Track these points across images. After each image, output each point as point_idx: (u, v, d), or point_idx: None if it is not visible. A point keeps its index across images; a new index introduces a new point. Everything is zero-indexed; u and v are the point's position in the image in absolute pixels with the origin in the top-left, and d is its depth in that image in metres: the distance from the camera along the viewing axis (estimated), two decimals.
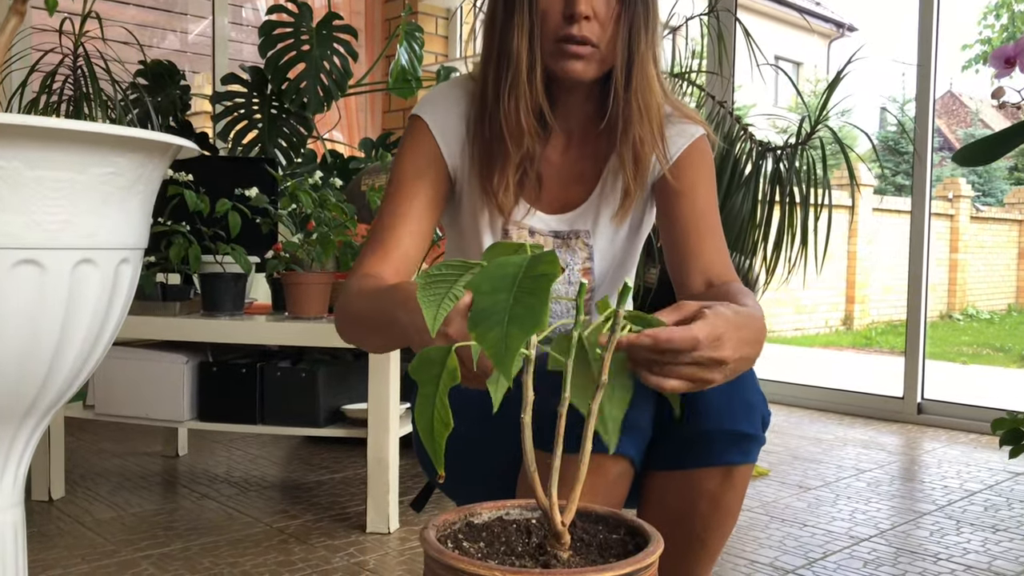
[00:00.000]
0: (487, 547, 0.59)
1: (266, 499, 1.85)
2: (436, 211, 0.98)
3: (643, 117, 0.92)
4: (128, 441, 2.37)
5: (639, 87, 0.91)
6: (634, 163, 0.94)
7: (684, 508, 0.86)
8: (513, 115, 0.91)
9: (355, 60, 2.80)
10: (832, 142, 1.75)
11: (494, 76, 0.93)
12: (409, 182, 0.96)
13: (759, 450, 0.86)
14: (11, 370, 0.71)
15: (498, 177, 0.94)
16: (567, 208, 1.01)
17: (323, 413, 1.73)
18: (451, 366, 0.55)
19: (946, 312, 7.83)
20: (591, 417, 0.57)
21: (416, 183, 0.96)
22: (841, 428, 2.66)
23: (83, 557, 1.49)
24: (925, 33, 2.70)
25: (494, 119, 0.93)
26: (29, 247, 0.69)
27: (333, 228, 1.73)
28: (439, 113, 0.98)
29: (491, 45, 0.94)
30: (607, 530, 0.63)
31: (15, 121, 0.65)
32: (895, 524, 1.72)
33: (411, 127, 0.99)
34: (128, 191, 0.76)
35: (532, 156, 0.95)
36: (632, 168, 0.95)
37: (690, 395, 0.83)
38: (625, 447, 0.80)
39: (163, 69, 2.78)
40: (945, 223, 7.68)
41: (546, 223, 1.00)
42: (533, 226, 1.00)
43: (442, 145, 0.97)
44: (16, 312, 0.69)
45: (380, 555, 1.52)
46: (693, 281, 0.94)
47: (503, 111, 0.92)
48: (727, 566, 1.48)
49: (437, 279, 0.62)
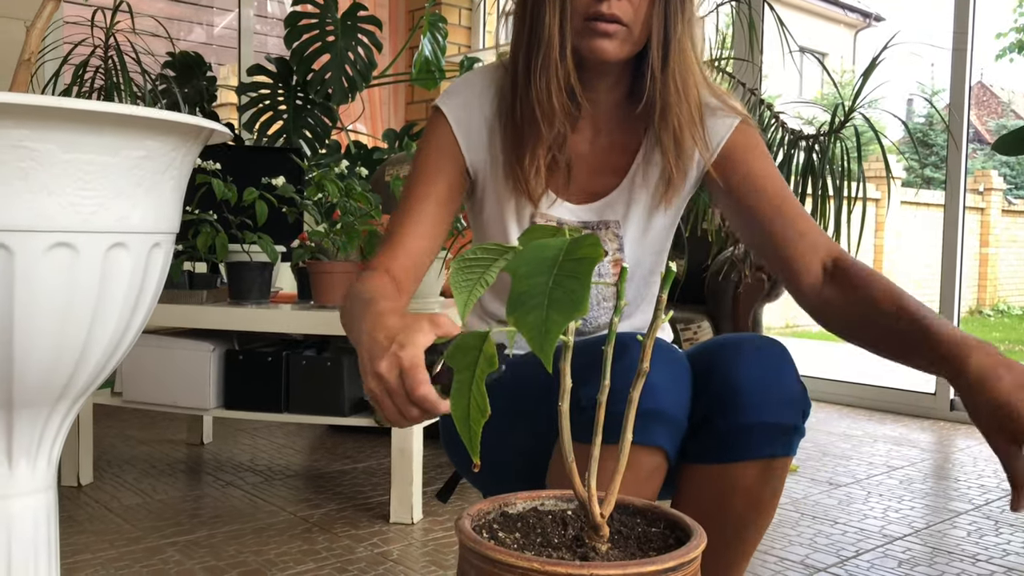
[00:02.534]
0: (523, 538, 0.57)
1: (290, 488, 1.85)
2: (451, 207, 0.97)
3: (681, 98, 0.90)
4: (153, 429, 2.39)
5: (677, 67, 0.89)
6: (675, 146, 0.92)
7: (721, 503, 0.84)
8: (545, 94, 0.89)
9: (379, 51, 2.79)
10: (866, 129, 1.71)
11: (525, 57, 0.91)
12: (424, 179, 0.96)
13: (799, 442, 0.83)
14: (45, 354, 0.71)
15: (529, 158, 0.93)
16: (595, 198, 0.99)
17: (348, 402, 1.73)
18: (488, 352, 0.53)
19: (976, 307, 7.69)
20: (631, 406, 0.56)
21: (431, 180, 0.95)
22: (871, 424, 2.62)
23: (111, 542, 1.50)
24: (961, 15, 2.62)
25: (525, 101, 0.91)
26: (63, 230, 0.69)
27: (358, 217, 1.72)
28: (460, 104, 0.96)
29: (522, 28, 0.92)
30: (646, 523, 0.61)
31: (51, 103, 0.64)
32: (930, 523, 1.68)
33: (431, 119, 0.98)
34: (160, 175, 0.75)
35: (563, 140, 0.93)
36: (673, 152, 0.92)
37: (728, 387, 0.81)
38: (659, 439, 0.78)
39: (190, 60, 2.80)
40: (976, 216, 7.53)
41: (574, 213, 0.98)
42: (560, 217, 0.98)
43: (460, 138, 0.96)
44: (50, 295, 0.69)
45: (403, 545, 1.51)
46: (809, 268, 0.90)
47: (535, 91, 0.90)
48: (756, 563, 1.45)
49: (472, 263, 0.60)
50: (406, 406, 0.67)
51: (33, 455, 0.77)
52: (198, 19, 4.48)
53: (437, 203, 0.95)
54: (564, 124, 0.92)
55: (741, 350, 0.82)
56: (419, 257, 0.93)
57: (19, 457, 0.76)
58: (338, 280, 1.72)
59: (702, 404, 0.82)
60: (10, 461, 0.76)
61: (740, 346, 0.82)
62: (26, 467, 0.77)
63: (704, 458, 0.84)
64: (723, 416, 0.81)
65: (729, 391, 0.81)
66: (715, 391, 0.81)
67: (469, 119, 0.96)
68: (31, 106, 0.64)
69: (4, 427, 0.74)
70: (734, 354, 0.82)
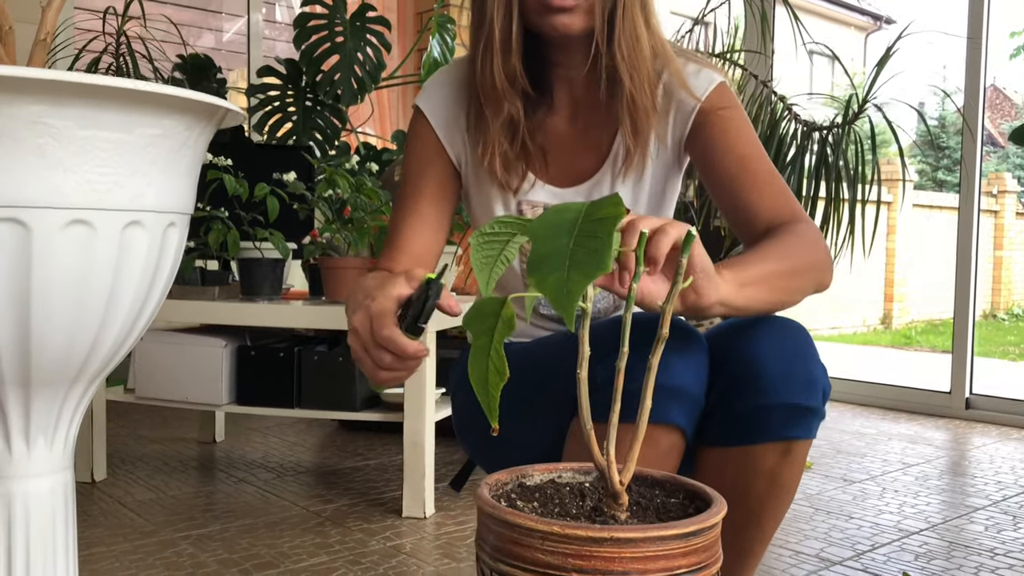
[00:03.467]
0: (541, 507, 0.57)
1: (302, 484, 1.85)
2: (446, 203, 0.97)
3: (629, 70, 0.87)
4: (166, 427, 2.40)
5: (622, 37, 0.87)
6: (630, 120, 0.90)
7: (740, 486, 0.83)
8: (488, 77, 0.89)
9: (388, 51, 2.80)
10: (881, 126, 1.70)
11: (473, 41, 0.91)
12: (413, 179, 0.96)
13: (819, 425, 0.82)
14: (61, 331, 0.71)
15: (483, 145, 0.92)
16: (581, 179, 0.97)
17: (360, 397, 1.73)
18: (506, 315, 0.53)
19: (990, 311, 7.61)
20: (651, 371, 0.55)
21: (420, 178, 0.96)
22: (885, 423, 2.59)
23: (124, 536, 1.50)
24: (976, 8, 2.60)
25: (474, 87, 0.91)
26: (80, 207, 0.69)
27: (369, 213, 1.73)
28: (434, 100, 0.97)
29: (473, 14, 0.92)
30: (664, 494, 0.60)
31: (69, 78, 0.65)
32: (947, 518, 1.66)
33: (412, 118, 0.99)
34: (175, 154, 0.75)
35: (518, 123, 0.92)
36: (629, 126, 0.90)
37: (747, 368, 0.80)
38: (675, 416, 0.77)
39: (201, 63, 2.82)
40: (989, 219, 7.47)
41: (560, 196, 0.97)
42: (547, 202, 0.97)
43: (440, 133, 0.96)
44: (66, 272, 0.69)
45: (416, 539, 1.51)
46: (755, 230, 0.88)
47: (478, 75, 0.90)
48: (771, 556, 1.44)
49: (491, 239, 0.60)
50: (377, 352, 0.69)
51: (50, 436, 0.78)
52: (207, 25, 4.52)
53: (430, 200, 0.95)
54: (517, 108, 0.91)
55: (761, 330, 0.81)
56: (420, 255, 0.94)
57: (37, 437, 0.77)
58: (349, 276, 1.72)
59: (720, 385, 0.81)
60: (28, 441, 0.76)
61: (760, 326, 0.81)
62: (44, 447, 0.77)
63: (723, 440, 0.83)
64: (742, 397, 0.80)
65: (749, 371, 0.80)
66: (734, 371, 0.80)
67: (446, 113, 0.96)
68: (49, 81, 0.64)
69: (22, 406, 0.75)
70: (754, 334, 0.81)
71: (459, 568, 1.37)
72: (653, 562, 0.48)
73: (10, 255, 0.67)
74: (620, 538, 0.48)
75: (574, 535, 0.48)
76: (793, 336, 0.81)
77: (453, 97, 0.96)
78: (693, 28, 2.07)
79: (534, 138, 0.94)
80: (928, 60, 4.92)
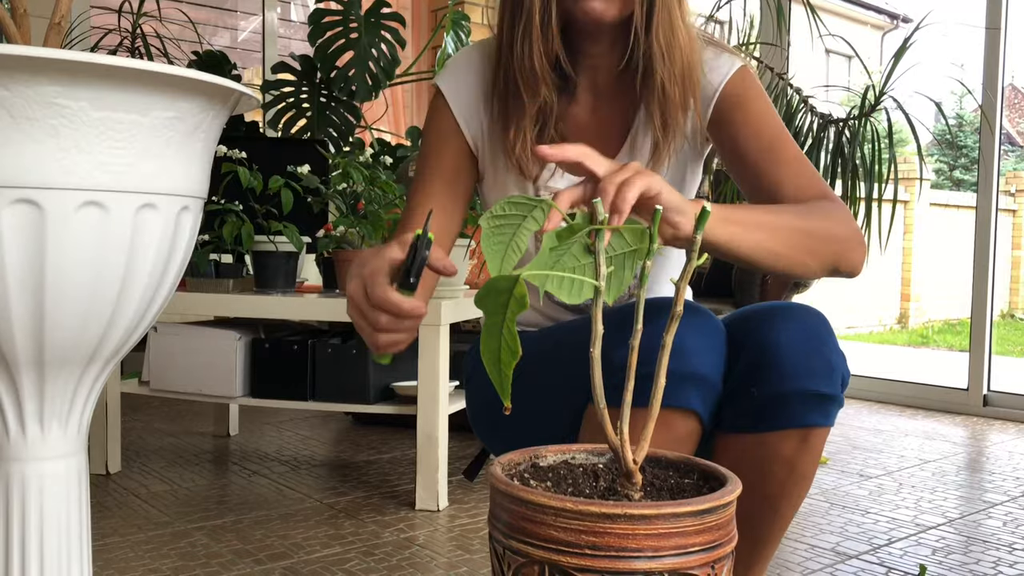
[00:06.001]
0: (554, 487, 0.56)
1: (316, 477, 1.85)
2: (461, 185, 0.96)
3: (665, 60, 0.87)
4: (180, 421, 2.42)
5: (661, 27, 0.86)
6: (660, 112, 0.89)
7: (758, 473, 0.82)
8: (527, 62, 0.88)
9: (403, 47, 2.81)
10: (898, 124, 1.68)
11: (509, 26, 0.89)
12: (429, 160, 0.95)
13: (838, 412, 0.81)
14: (75, 313, 0.72)
15: (514, 130, 0.91)
16: None
17: (373, 390, 1.73)
18: (519, 293, 0.53)
19: (1008, 311, 7.51)
20: (665, 350, 0.54)
21: (436, 160, 0.95)
22: (901, 419, 2.56)
23: (139, 527, 1.51)
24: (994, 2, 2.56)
25: (508, 71, 0.90)
26: (95, 188, 0.69)
27: (383, 206, 1.73)
28: (454, 81, 0.96)
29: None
30: (679, 475, 0.60)
31: (84, 59, 0.65)
32: (964, 513, 1.64)
33: (432, 99, 0.98)
34: (189, 137, 0.75)
35: (550, 109, 0.91)
36: (659, 118, 0.89)
37: (765, 354, 0.79)
38: (692, 401, 0.76)
39: (216, 59, 2.83)
40: (1007, 218, 7.37)
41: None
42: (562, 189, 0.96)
43: (458, 115, 0.95)
44: (80, 254, 0.70)
45: (429, 531, 1.50)
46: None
47: (516, 60, 0.88)
48: (787, 550, 1.42)
49: (502, 223, 0.60)
50: (372, 314, 0.68)
51: (64, 419, 0.78)
52: (223, 23, 4.55)
53: (444, 182, 0.94)
54: (551, 94, 0.90)
55: (779, 316, 0.80)
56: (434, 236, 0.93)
57: (50, 419, 0.77)
58: None
59: (738, 371, 0.80)
60: (42, 424, 0.77)
61: (778, 312, 0.80)
62: (58, 430, 0.77)
63: (741, 427, 0.82)
64: (760, 384, 0.79)
65: (767, 358, 0.78)
66: (752, 358, 0.79)
67: (463, 94, 0.95)
68: (64, 61, 0.64)
69: (36, 389, 0.75)
70: (772, 320, 0.80)
71: (472, 559, 1.37)
72: (667, 539, 0.48)
73: (24, 237, 0.67)
74: (634, 515, 0.47)
75: (587, 511, 0.48)
76: (812, 323, 0.80)
77: (475, 79, 0.95)
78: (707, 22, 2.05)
79: (556, 126, 0.93)
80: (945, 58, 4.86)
